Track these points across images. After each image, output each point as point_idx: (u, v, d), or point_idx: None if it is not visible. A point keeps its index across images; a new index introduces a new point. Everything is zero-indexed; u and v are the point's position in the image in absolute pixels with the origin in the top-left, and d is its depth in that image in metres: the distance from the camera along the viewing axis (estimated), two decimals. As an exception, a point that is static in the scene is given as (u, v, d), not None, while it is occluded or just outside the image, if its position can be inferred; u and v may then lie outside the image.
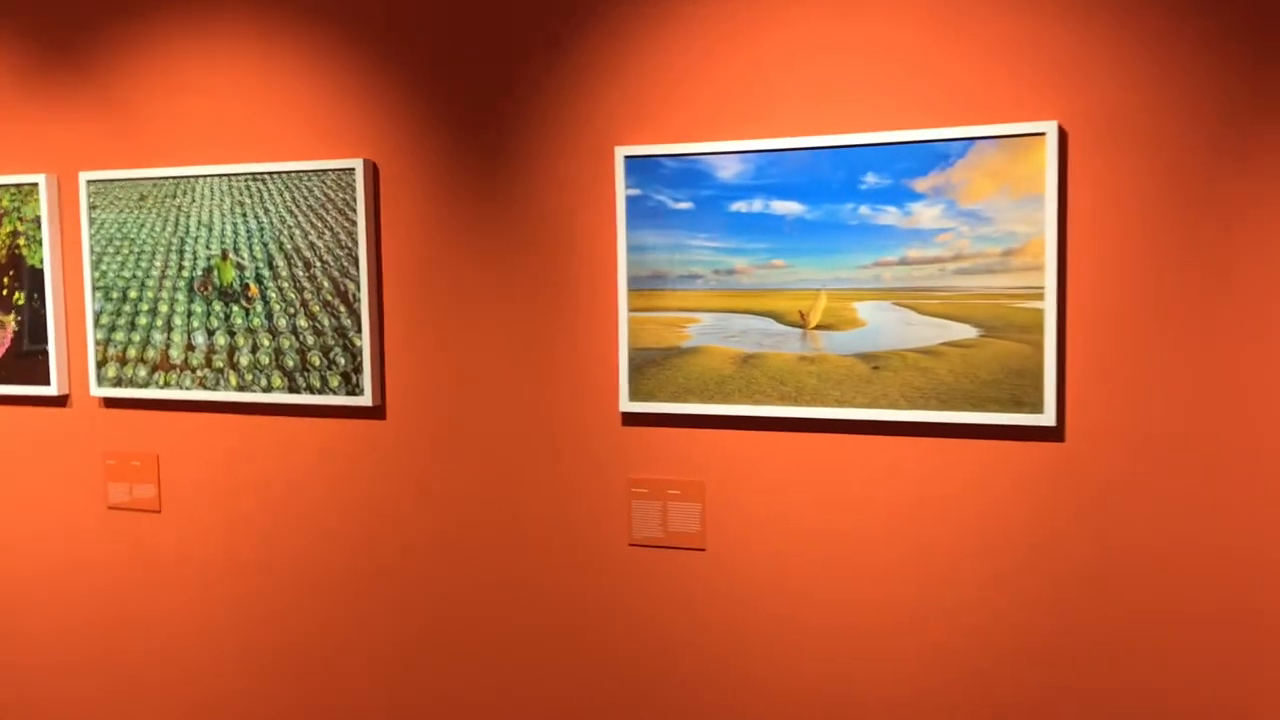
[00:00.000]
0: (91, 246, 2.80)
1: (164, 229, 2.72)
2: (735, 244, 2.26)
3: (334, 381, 2.58)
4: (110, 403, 2.86)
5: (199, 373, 2.71)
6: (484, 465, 2.51)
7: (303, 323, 2.60)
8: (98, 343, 2.81)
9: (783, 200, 2.22)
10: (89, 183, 2.78)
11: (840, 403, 2.20)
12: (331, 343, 2.58)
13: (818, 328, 2.21)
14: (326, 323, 2.58)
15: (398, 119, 2.52)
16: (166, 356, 2.74)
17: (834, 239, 2.19)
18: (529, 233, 2.43)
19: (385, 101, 2.53)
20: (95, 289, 2.80)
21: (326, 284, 2.58)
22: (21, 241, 2.87)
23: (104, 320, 2.80)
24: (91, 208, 2.79)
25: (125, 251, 2.77)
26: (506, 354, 2.47)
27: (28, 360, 2.89)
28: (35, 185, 2.84)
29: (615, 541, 2.42)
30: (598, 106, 2.36)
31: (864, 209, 2.16)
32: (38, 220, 2.85)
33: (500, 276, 2.46)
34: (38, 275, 2.86)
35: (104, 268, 2.79)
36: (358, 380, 2.56)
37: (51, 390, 2.87)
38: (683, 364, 2.32)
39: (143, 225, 2.75)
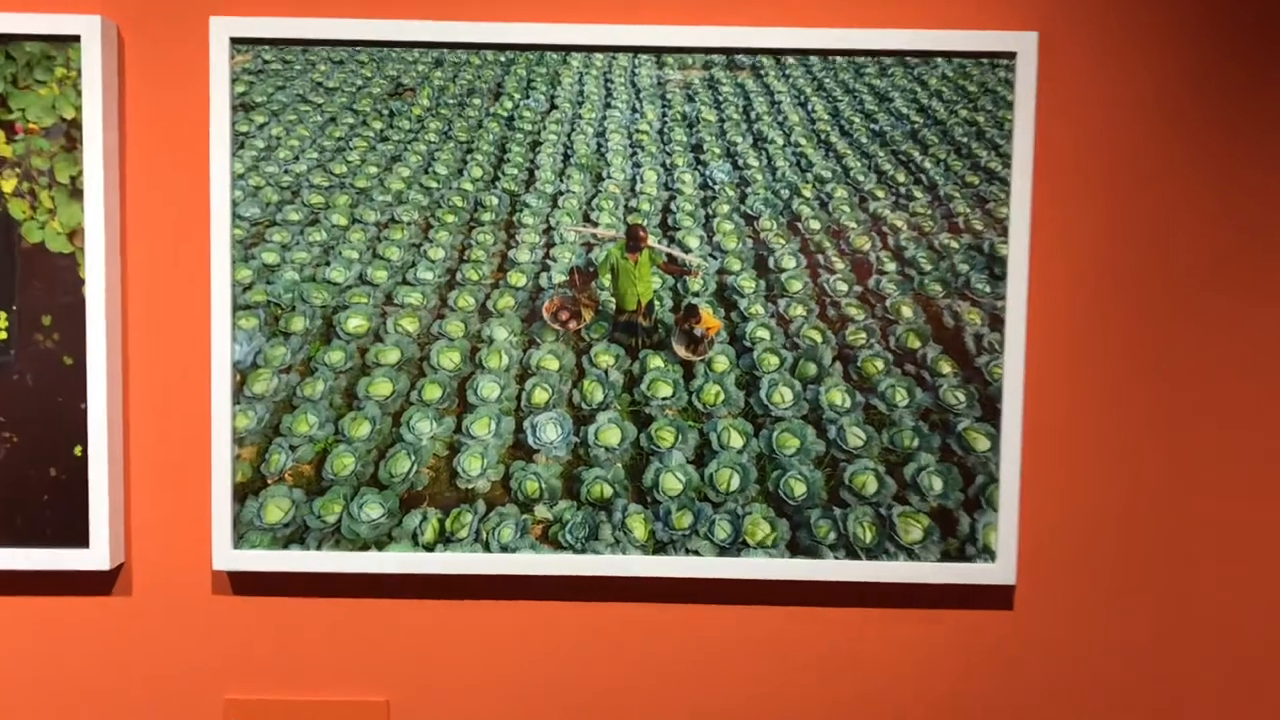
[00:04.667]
0: (235, 202, 1.13)
1: (462, 172, 1.14)
2: None
3: (912, 529, 1.14)
4: (259, 584, 1.18)
5: (543, 511, 1.14)
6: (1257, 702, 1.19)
7: (837, 399, 1.14)
8: (239, 438, 1.14)
9: None
10: (235, 43, 1.12)
11: None
12: (914, 443, 1.14)
13: None
14: (902, 397, 1.14)
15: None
16: (450, 475, 1.14)
17: None
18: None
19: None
20: (239, 309, 1.14)
21: (908, 310, 1.14)
22: (7, 187, 1.13)
23: (259, 386, 1.14)
24: (243, 107, 1.13)
25: (338, 217, 1.14)
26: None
27: (15, 484, 1.14)
28: (71, 42, 1.12)
29: None
30: None
31: None
32: (64, 130, 1.12)
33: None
34: (52, 269, 1.13)
35: (268, 255, 1.14)
36: (974, 527, 1.14)
37: (95, 559, 1.14)
38: None
39: (396, 157, 1.14)
